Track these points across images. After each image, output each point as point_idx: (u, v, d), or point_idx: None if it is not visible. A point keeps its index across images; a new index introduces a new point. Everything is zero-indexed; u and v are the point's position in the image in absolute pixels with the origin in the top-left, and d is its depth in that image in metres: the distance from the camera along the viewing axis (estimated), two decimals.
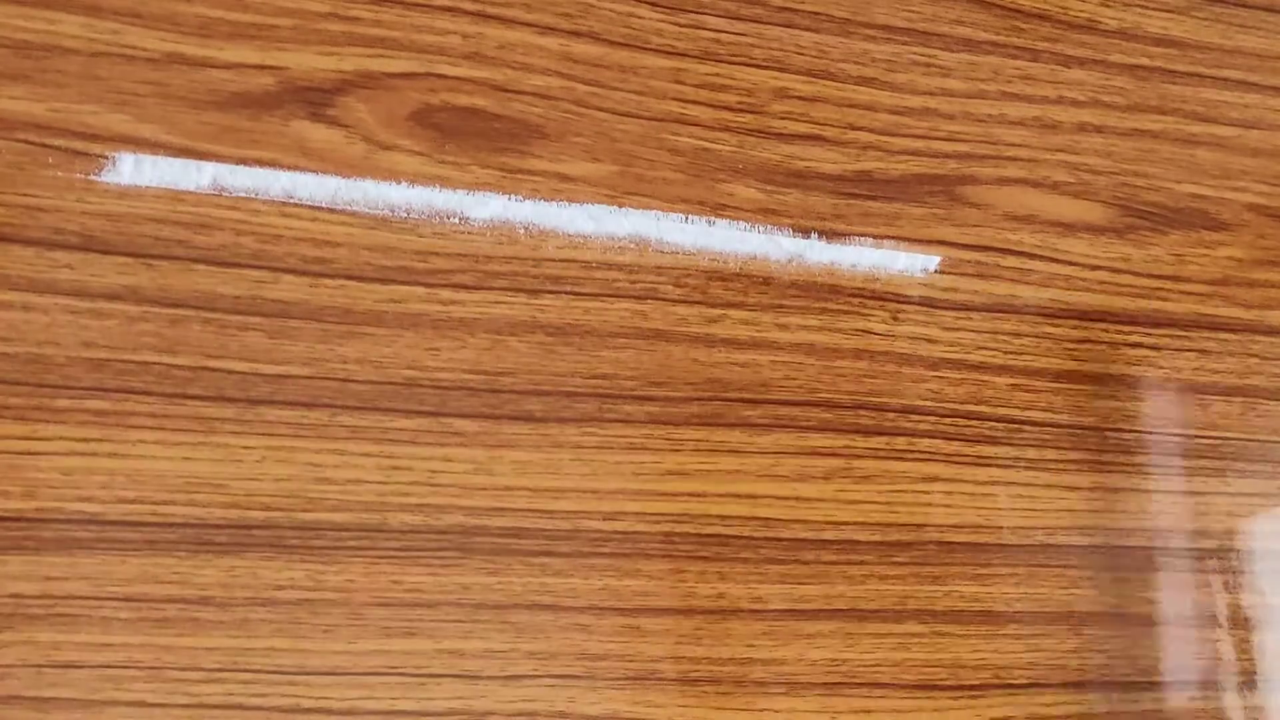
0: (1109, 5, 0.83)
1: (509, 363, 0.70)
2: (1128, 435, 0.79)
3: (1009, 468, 0.77)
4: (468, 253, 0.70)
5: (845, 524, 0.74)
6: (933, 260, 0.77)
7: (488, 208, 0.70)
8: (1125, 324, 0.80)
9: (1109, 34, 0.82)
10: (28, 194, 0.64)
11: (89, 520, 0.63)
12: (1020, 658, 0.75)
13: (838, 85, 0.77)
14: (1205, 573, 0.79)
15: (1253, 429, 0.82)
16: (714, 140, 0.74)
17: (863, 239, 0.76)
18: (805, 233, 0.75)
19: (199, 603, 0.64)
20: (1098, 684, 0.76)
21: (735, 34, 0.75)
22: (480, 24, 0.71)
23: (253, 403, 0.66)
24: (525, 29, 0.72)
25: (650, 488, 0.71)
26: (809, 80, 0.76)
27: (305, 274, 0.67)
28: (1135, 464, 0.79)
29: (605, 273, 0.72)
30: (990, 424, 0.77)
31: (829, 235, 0.76)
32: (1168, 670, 0.78)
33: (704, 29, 0.75)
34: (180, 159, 0.66)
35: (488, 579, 0.68)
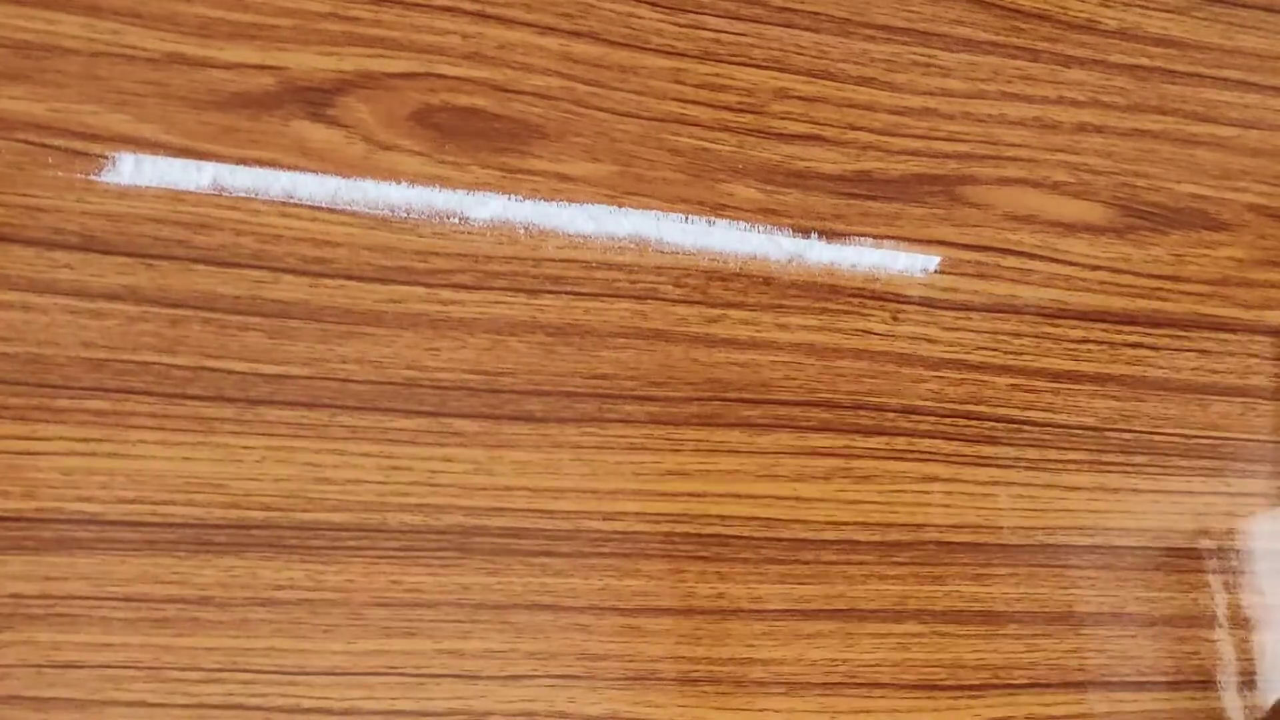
0: (1109, 5, 0.82)
1: (509, 363, 0.70)
2: (1127, 435, 0.79)
3: (1009, 468, 0.77)
4: (468, 253, 0.70)
5: (845, 524, 0.74)
6: (933, 260, 0.77)
7: (488, 208, 0.70)
8: (1125, 324, 0.80)
9: (1109, 34, 0.82)
10: (28, 194, 0.64)
11: (89, 520, 0.63)
12: (1020, 658, 0.75)
13: (838, 85, 0.77)
14: (1205, 573, 0.79)
15: (1253, 429, 0.82)
16: (714, 140, 0.74)
17: (863, 239, 0.76)
18: (805, 233, 0.75)
19: (198, 603, 0.64)
20: (1098, 684, 0.76)
21: (735, 34, 0.75)
22: (480, 24, 0.71)
23: (252, 403, 0.66)
24: (525, 29, 0.72)
25: (650, 488, 0.71)
26: (809, 80, 0.76)
27: (305, 274, 0.67)
28: (1135, 464, 0.79)
29: (605, 273, 0.72)
30: (990, 424, 0.77)
31: (829, 235, 0.76)
32: (1168, 670, 0.78)
33: (704, 29, 0.75)
34: (180, 159, 0.66)
35: (487, 579, 0.68)
